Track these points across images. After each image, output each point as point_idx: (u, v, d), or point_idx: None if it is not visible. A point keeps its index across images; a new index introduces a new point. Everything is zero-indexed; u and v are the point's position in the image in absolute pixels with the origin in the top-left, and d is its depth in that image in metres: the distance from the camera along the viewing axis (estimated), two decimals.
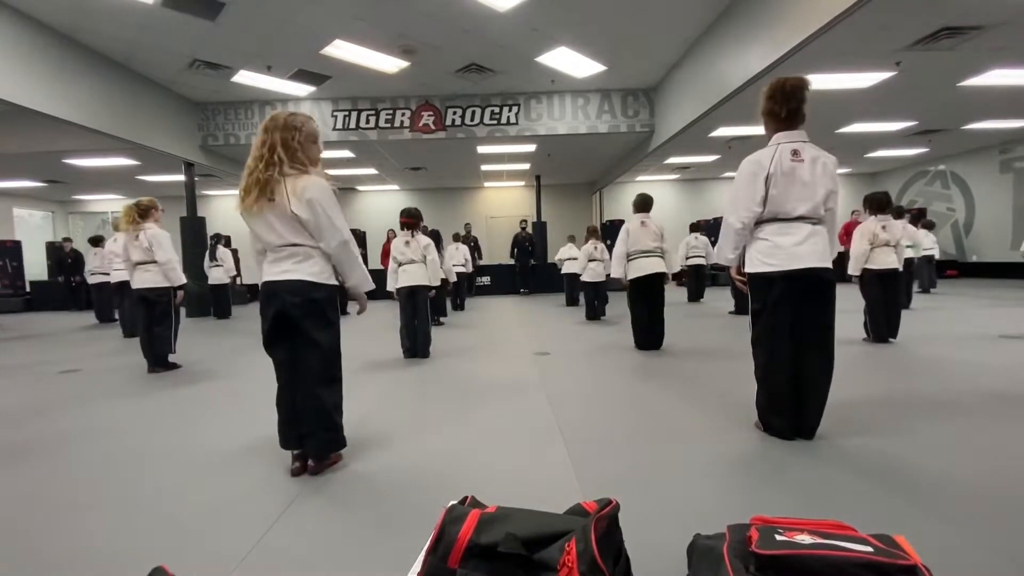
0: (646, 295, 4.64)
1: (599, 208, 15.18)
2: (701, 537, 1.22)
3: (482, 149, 10.07)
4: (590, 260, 7.08)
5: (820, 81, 6.48)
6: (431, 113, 8.66)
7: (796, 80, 2.22)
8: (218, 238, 8.85)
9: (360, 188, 14.96)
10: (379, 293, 5.69)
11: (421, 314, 4.61)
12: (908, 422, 2.44)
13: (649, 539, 1.42)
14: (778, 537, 1.04)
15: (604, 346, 4.91)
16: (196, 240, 9.17)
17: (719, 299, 8.84)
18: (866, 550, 0.98)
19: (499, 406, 2.96)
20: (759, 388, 2.36)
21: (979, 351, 4.05)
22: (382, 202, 15.11)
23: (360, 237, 12.38)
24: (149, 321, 4.33)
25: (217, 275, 8.61)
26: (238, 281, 10.80)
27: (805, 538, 1.03)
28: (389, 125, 8.71)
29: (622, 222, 5.40)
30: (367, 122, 8.71)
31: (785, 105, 2.23)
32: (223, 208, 14.48)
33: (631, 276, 4.69)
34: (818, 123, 8.54)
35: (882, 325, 4.60)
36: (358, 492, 1.89)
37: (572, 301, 9.04)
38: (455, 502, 1.26)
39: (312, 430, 2.02)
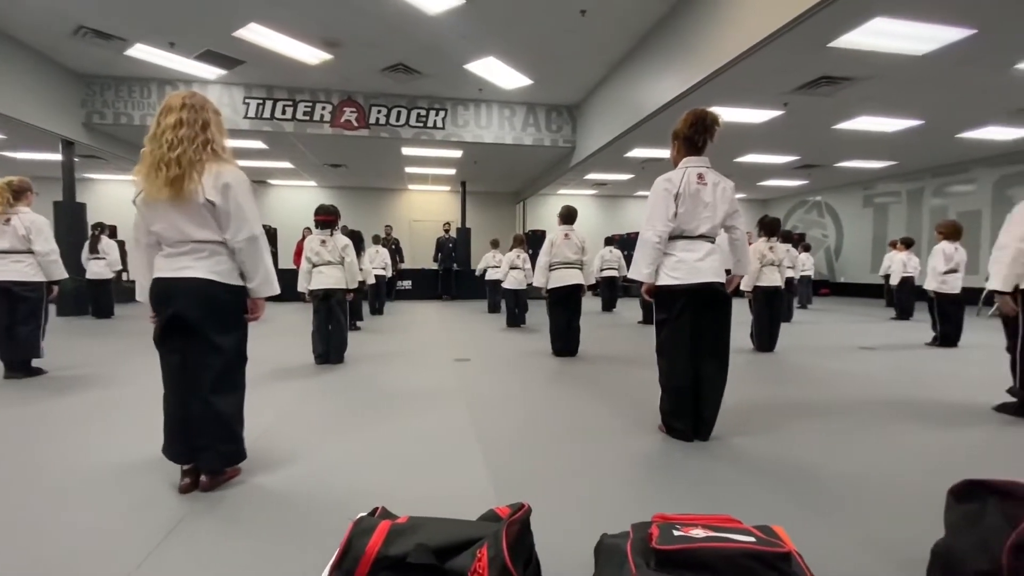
0: (565, 304, 4.81)
1: (523, 218, 15.48)
2: (607, 536, 1.27)
3: (407, 151, 9.89)
4: (512, 268, 7.20)
5: (723, 113, 7.10)
6: (354, 109, 8.36)
7: (714, 115, 2.44)
8: (102, 228, 7.83)
9: (273, 182, 14.06)
10: (291, 294, 5.37)
11: (336, 318, 4.41)
12: (788, 423, 2.73)
13: (560, 541, 1.46)
14: (676, 533, 1.11)
15: (523, 353, 5.00)
16: (73, 228, 8.06)
17: (629, 309, 9.35)
18: (750, 540, 1.08)
19: (416, 413, 2.91)
20: (663, 393, 2.53)
21: (844, 360, 4.65)
22: (297, 198, 14.29)
23: (271, 234, 11.61)
24: (12, 319, 3.72)
25: (98, 269, 7.63)
26: (124, 276, 9.63)
27: (699, 532, 1.12)
28: (308, 118, 8.28)
29: (544, 232, 5.54)
30: (283, 113, 8.22)
31: (702, 136, 2.45)
32: (109, 194, 12.92)
33: (551, 286, 4.85)
34: (719, 151, 9.37)
35: (766, 337, 5.14)
36: (257, 508, 1.75)
37: (494, 308, 9.10)
38: (364, 514, 1.22)
39: (208, 442, 1.84)
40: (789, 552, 1.07)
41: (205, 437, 1.84)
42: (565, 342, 4.80)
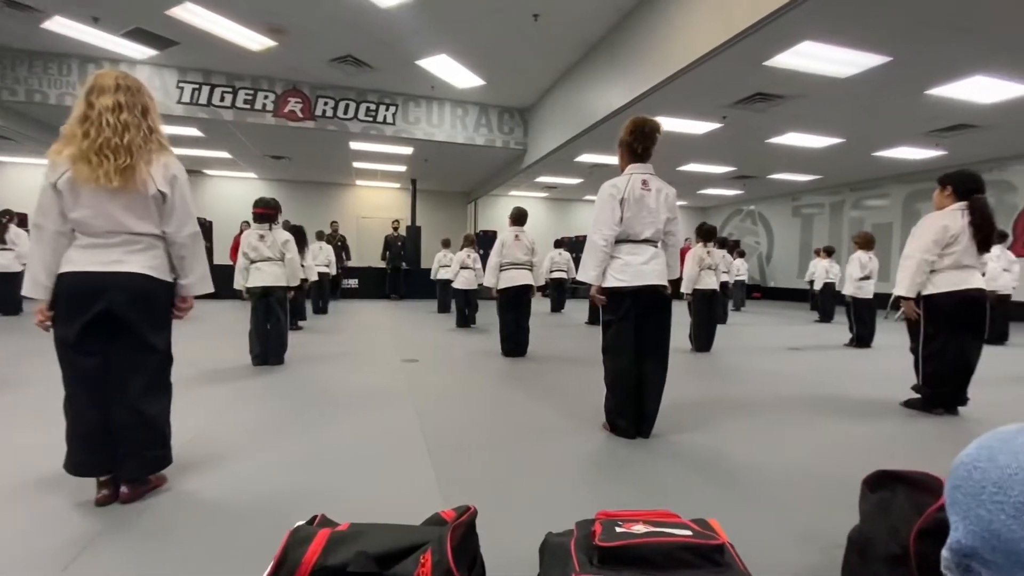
0: (514, 305, 4.84)
1: (474, 218, 15.43)
2: (552, 535, 1.29)
3: (355, 145, 9.60)
4: (462, 268, 7.16)
5: (667, 123, 7.42)
6: (299, 100, 8.02)
7: (654, 123, 2.53)
8: (10, 216, 7.09)
9: (209, 172, 13.23)
10: (226, 292, 5.08)
11: (275, 317, 4.22)
12: (723, 419, 2.88)
13: (506, 541, 1.46)
14: (618, 529, 1.14)
15: (473, 353, 4.98)
16: None
17: (577, 310, 9.53)
18: (686, 534, 1.13)
19: (360, 416, 2.82)
20: (608, 392, 2.60)
21: (774, 360, 4.95)
22: (235, 190, 13.53)
23: (207, 228, 10.94)
24: None
25: (5, 261, 6.90)
26: None
27: (640, 528, 1.15)
28: (248, 107, 7.85)
29: (495, 233, 5.55)
30: (222, 100, 7.74)
31: (642, 143, 2.53)
32: (18, 179, 11.71)
33: (501, 286, 4.87)
34: (663, 160, 9.75)
35: (704, 337, 5.39)
36: (186, 518, 1.64)
37: (444, 308, 9.02)
38: (302, 523, 1.17)
39: (133, 449, 1.70)
40: (723, 544, 1.12)
41: (130, 444, 1.70)
42: (515, 342, 4.83)
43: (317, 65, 7.29)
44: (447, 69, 7.24)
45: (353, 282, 12.07)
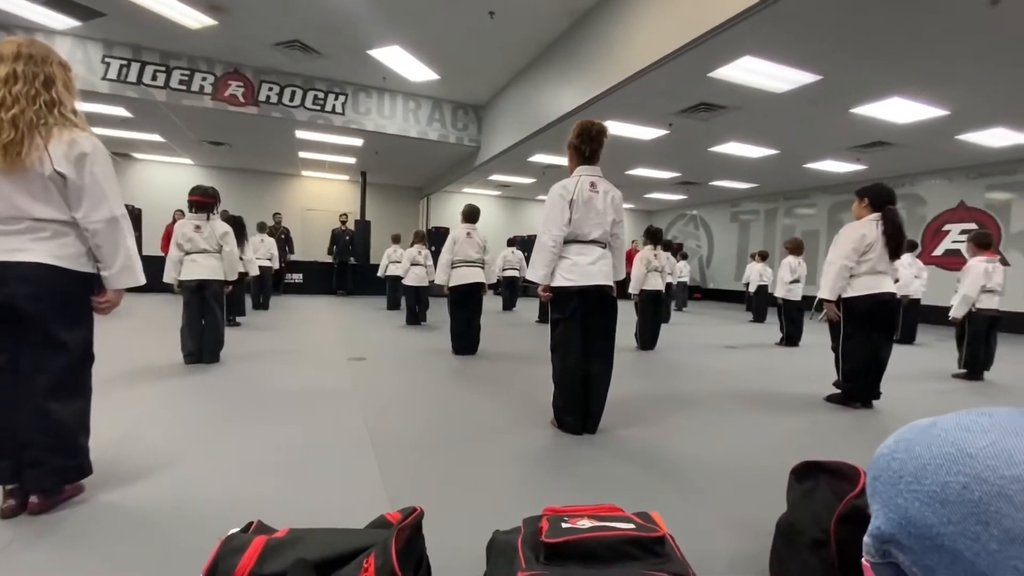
0: (466, 303, 4.81)
1: (426, 214, 15.22)
2: (500, 533, 1.29)
3: (301, 134, 9.22)
4: (413, 264, 7.04)
5: (616, 128, 7.62)
6: (241, 84, 7.59)
7: (600, 126, 2.59)
8: None
9: (138, 156, 12.29)
10: (158, 285, 4.74)
11: (211, 312, 3.98)
12: (665, 415, 2.99)
13: (453, 541, 1.46)
14: (564, 525, 1.16)
15: (422, 351, 4.91)
16: None
17: (528, 309, 9.62)
18: (629, 527, 1.17)
19: (303, 416, 2.72)
20: (556, 389, 2.64)
21: (712, 357, 5.21)
22: (168, 176, 12.64)
23: (135, 216, 10.15)
24: None
25: None
26: None
27: (586, 523, 1.18)
28: (184, 88, 7.34)
29: (448, 230, 5.50)
30: (154, 79, 7.20)
31: (589, 145, 2.59)
32: None
33: (453, 284, 4.83)
34: (612, 163, 10.01)
35: (649, 336, 5.59)
36: (106, 530, 1.52)
37: (394, 305, 8.84)
38: (236, 530, 1.11)
39: (41, 457, 1.55)
40: (663, 536, 1.17)
41: (37, 451, 1.55)
42: (465, 340, 4.80)
43: (261, 48, 6.94)
44: (400, 61, 7.09)
45: (297, 277, 11.59)
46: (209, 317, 3.98)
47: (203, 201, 4.04)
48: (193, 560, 1.27)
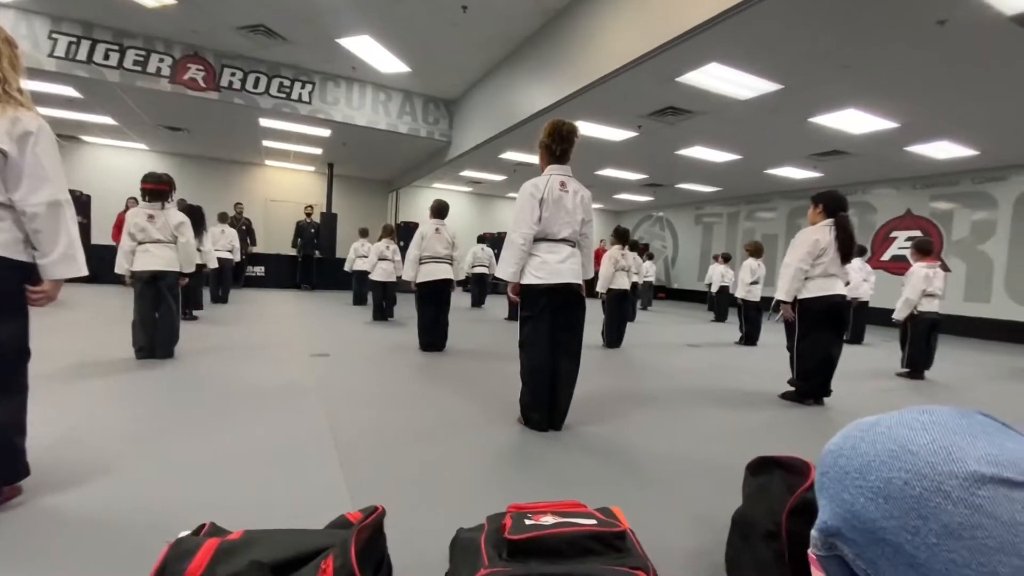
0: (434, 299, 4.77)
1: (395, 208, 14.99)
2: (463, 531, 1.29)
3: (265, 123, 8.91)
4: (380, 259, 6.93)
5: (587, 129, 7.70)
6: (201, 67, 7.27)
7: (571, 126, 2.61)
8: None
9: (88, 139, 11.60)
10: (109, 276, 4.51)
11: (165, 305, 3.81)
12: (630, 412, 3.05)
13: (416, 540, 1.44)
14: (527, 522, 1.17)
15: (389, 347, 4.84)
16: None
17: (498, 306, 9.62)
18: (591, 523, 1.18)
19: (261, 414, 2.64)
20: (523, 386, 2.65)
21: (676, 355, 5.34)
22: (121, 162, 12.00)
23: (83, 203, 9.60)
24: None
25: None
26: None
27: (549, 519, 1.19)
28: (140, 69, 6.97)
29: (416, 225, 5.43)
30: (106, 58, 6.80)
31: (560, 145, 2.61)
32: None
33: (421, 280, 4.77)
34: (583, 164, 10.11)
35: (615, 334, 5.69)
36: (45, 536, 1.43)
37: (360, 300, 8.68)
38: (186, 533, 1.06)
39: None
40: (624, 530, 1.19)
41: None
42: (433, 337, 4.76)
43: (224, 31, 6.66)
44: (370, 51, 6.94)
45: (259, 270, 11.23)
46: (163, 310, 3.80)
47: (157, 189, 3.85)
48: (140, 565, 1.21)
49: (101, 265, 5.30)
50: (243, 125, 9.22)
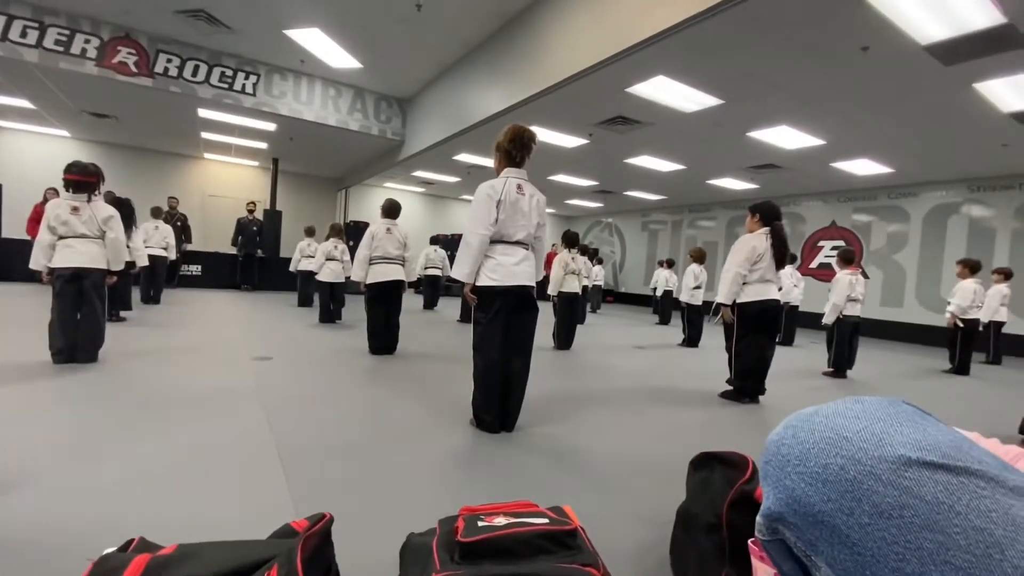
0: (384, 301, 4.67)
1: (344, 207, 14.57)
2: (415, 535, 1.27)
3: (205, 113, 8.43)
4: (328, 259, 6.72)
5: (541, 134, 7.81)
6: (133, 51, 6.78)
7: (531, 134, 2.66)
8: None
9: (2, 123, 10.53)
10: (23, 273, 4.11)
11: (90, 305, 3.52)
12: (579, 412, 3.11)
13: (366, 546, 1.41)
14: (480, 523, 1.17)
15: (336, 350, 4.69)
16: None
17: (450, 308, 9.55)
18: (543, 522, 1.20)
19: (197, 421, 2.49)
20: (476, 388, 2.65)
21: (624, 357, 5.50)
22: (39, 150, 10.97)
23: None
24: None
25: None
26: None
27: (501, 520, 1.19)
28: (62, 49, 6.41)
29: (367, 224, 5.32)
30: (23, 35, 6.21)
31: (520, 152, 2.65)
32: None
33: (371, 281, 4.67)
34: (536, 168, 10.24)
35: (565, 336, 5.79)
36: None
37: (306, 301, 8.36)
38: (112, 549, 0.99)
39: None
40: (575, 528, 1.21)
41: None
42: (383, 340, 4.66)
43: (159, 14, 6.26)
44: (320, 45, 6.73)
45: (195, 269, 10.59)
46: (87, 310, 3.51)
47: (83, 180, 3.56)
48: None
49: (15, 260, 4.83)
50: (180, 115, 8.69)
